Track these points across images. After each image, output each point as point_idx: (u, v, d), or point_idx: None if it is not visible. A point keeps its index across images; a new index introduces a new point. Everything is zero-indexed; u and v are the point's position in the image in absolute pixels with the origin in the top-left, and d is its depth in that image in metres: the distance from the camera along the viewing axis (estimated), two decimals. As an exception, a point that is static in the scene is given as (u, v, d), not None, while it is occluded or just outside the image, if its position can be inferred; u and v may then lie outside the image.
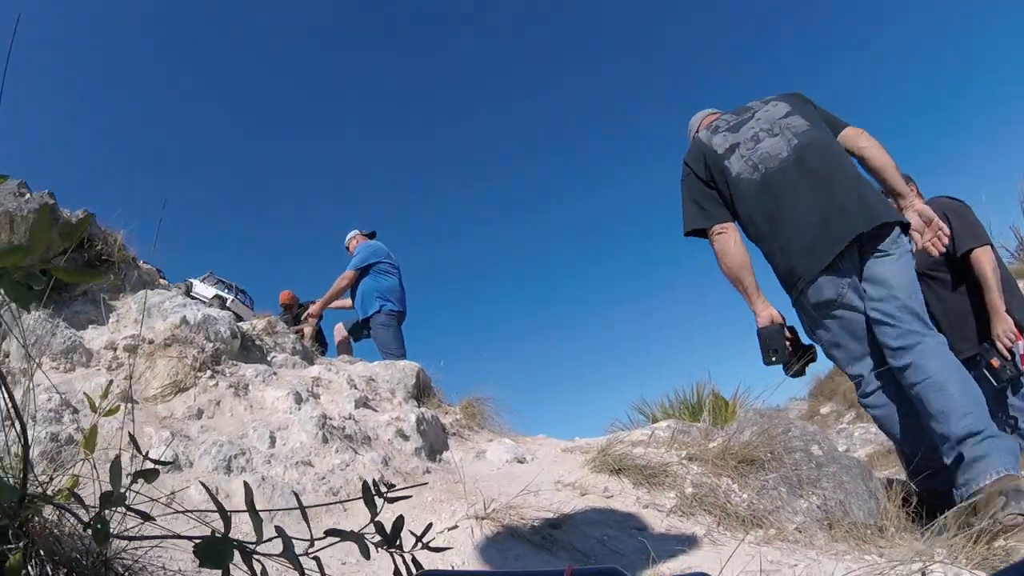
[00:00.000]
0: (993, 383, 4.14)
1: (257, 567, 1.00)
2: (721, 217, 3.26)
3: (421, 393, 4.59)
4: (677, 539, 2.50)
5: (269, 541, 1.00)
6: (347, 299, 7.52)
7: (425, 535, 1.15)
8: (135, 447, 1.17)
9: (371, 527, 1.19)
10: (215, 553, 0.79)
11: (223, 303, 20.38)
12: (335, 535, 1.06)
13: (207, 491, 1.19)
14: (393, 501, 1.15)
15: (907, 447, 3.11)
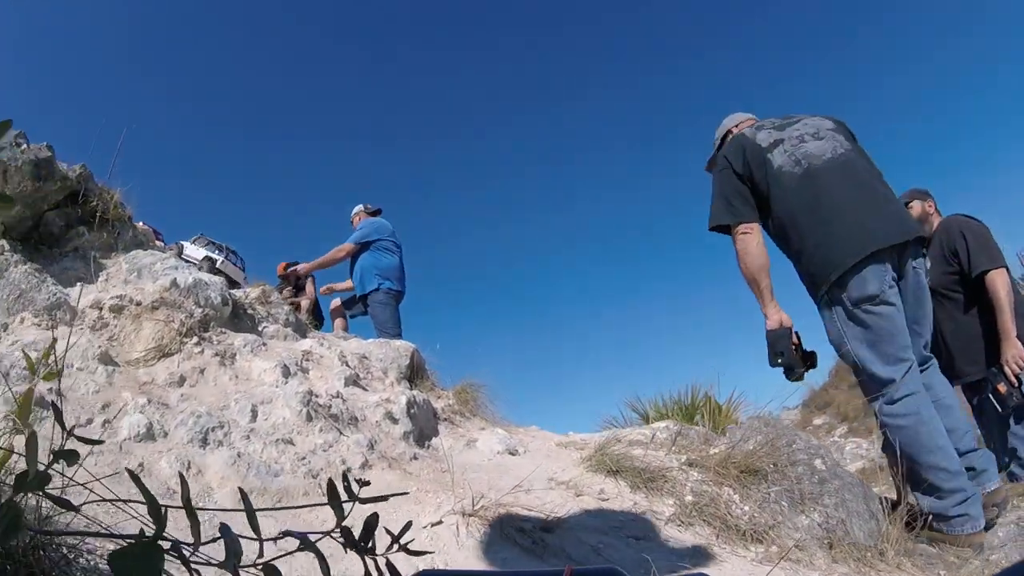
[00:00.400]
0: (998, 408, 4.04)
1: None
2: (748, 216, 3.19)
3: (414, 375, 4.46)
4: (675, 551, 2.36)
5: (213, 542, 0.84)
6: (347, 282, 7.37)
7: (403, 535, 0.99)
8: (58, 421, 1.00)
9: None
10: (136, 563, 0.63)
11: (213, 264, 20.34)
12: (293, 536, 0.90)
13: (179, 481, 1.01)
14: (366, 503, 0.99)
15: (925, 461, 2.98)
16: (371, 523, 0.96)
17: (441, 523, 2.25)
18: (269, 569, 0.85)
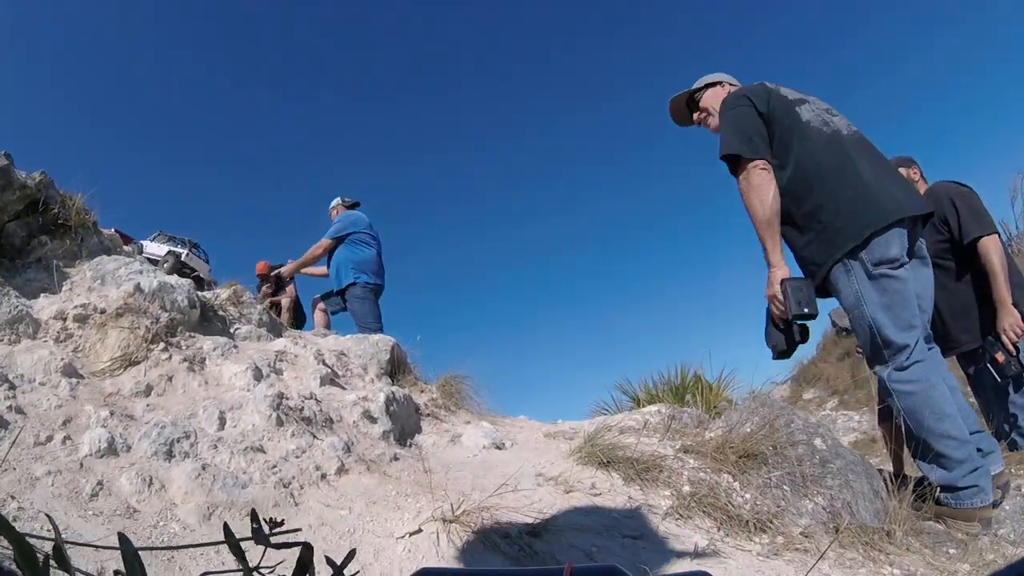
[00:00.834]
0: (996, 378, 3.95)
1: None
2: (766, 155, 3.06)
3: (396, 370, 4.31)
4: (675, 549, 2.21)
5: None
6: (322, 267, 7.28)
7: (347, 565, 0.80)
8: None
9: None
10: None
11: (178, 258, 20.06)
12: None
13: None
14: (279, 548, 0.81)
15: (936, 428, 2.88)
16: (305, 559, 0.78)
17: (420, 532, 2.10)
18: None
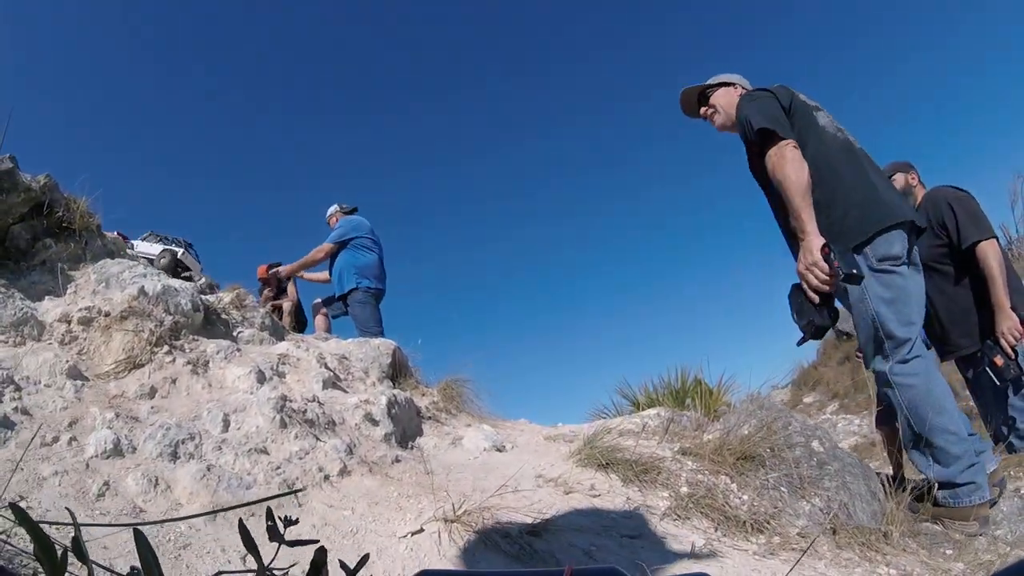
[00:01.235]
0: (995, 381, 3.98)
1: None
2: (794, 138, 3.10)
3: (397, 373, 4.34)
4: (673, 549, 2.24)
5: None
6: (323, 272, 7.29)
7: (360, 569, 0.84)
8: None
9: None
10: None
11: (174, 256, 19.96)
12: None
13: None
14: (293, 545, 0.85)
15: (936, 423, 2.91)
16: (319, 561, 0.82)
17: (422, 531, 2.13)
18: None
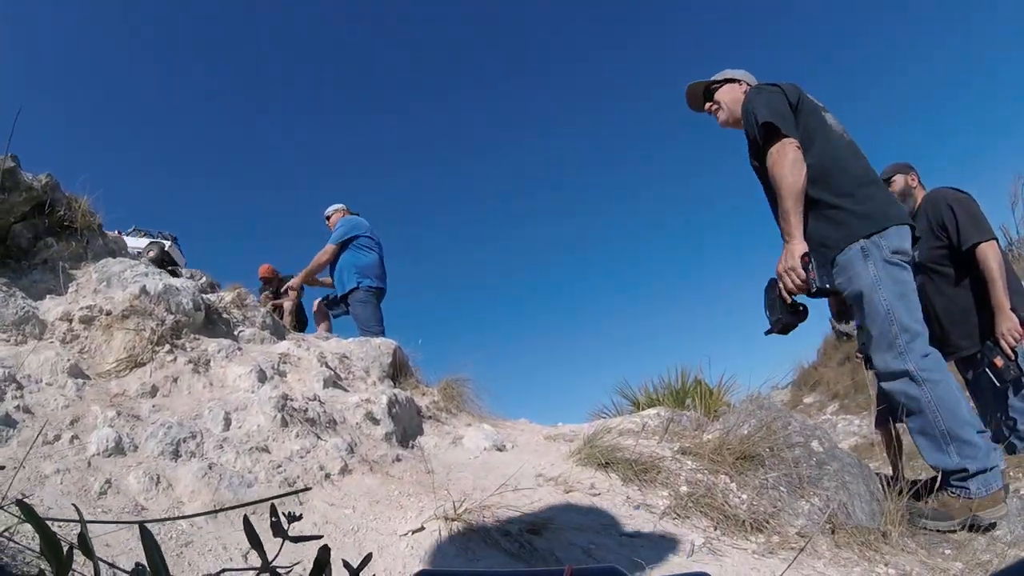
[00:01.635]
0: (995, 382, 3.98)
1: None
2: (798, 138, 3.13)
3: (398, 372, 4.34)
4: (672, 548, 2.25)
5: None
6: (327, 277, 7.25)
7: (363, 568, 0.85)
8: None
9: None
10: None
11: (162, 248, 19.96)
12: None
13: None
14: (297, 541, 0.86)
15: (962, 416, 2.92)
16: (323, 559, 0.82)
17: (423, 529, 2.14)
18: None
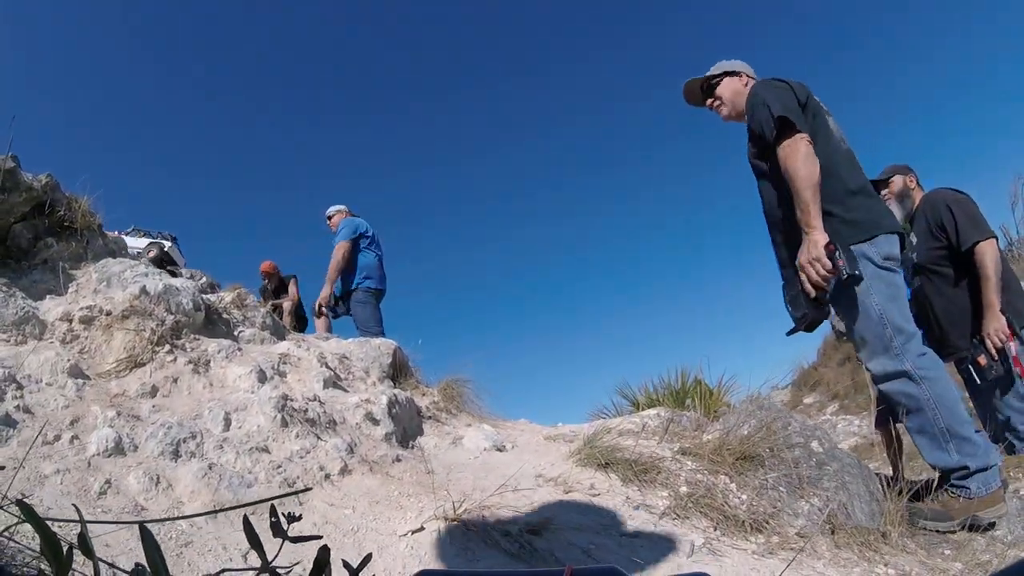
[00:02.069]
0: (976, 380, 4.02)
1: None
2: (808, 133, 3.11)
3: (397, 373, 4.34)
4: (672, 548, 2.24)
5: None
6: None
7: (363, 568, 0.85)
8: None
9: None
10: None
11: (162, 249, 19.94)
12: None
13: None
14: (296, 541, 0.86)
15: (960, 414, 2.93)
16: (322, 559, 0.82)
17: (423, 530, 2.14)
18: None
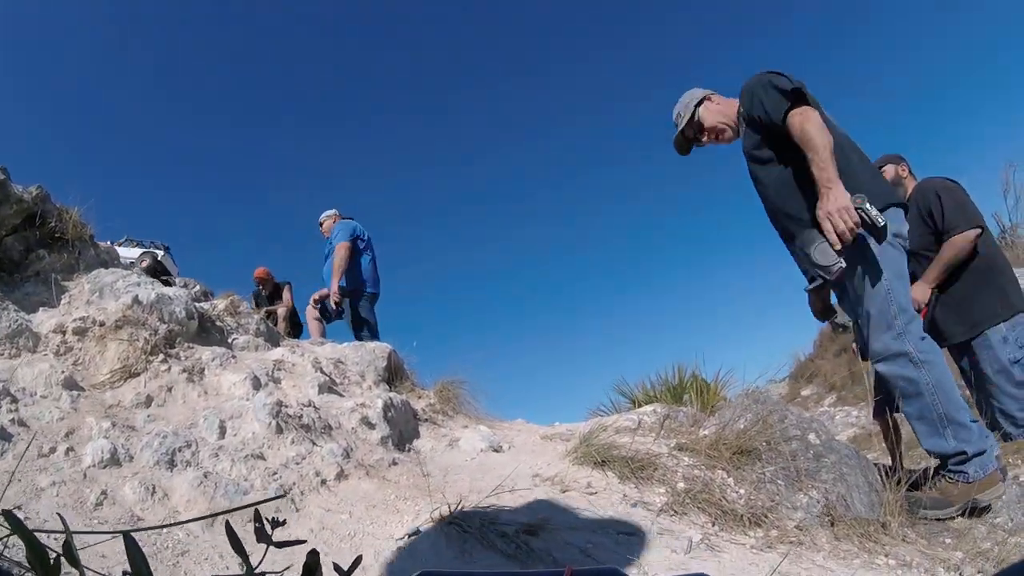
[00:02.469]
0: (971, 368, 4.14)
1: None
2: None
3: (393, 376, 4.34)
4: (670, 545, 2.23)
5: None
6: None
7: (353, 570, 0.84)
8: None
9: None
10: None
11: (155, 258, 19.86)
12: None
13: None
14: (281, 546, 0.85)
15: (956, 399, 2.93)
16: (312, 563, 0.81)
17: (419, 533, 2.13)
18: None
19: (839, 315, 3.36)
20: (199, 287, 6.92)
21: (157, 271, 14.08)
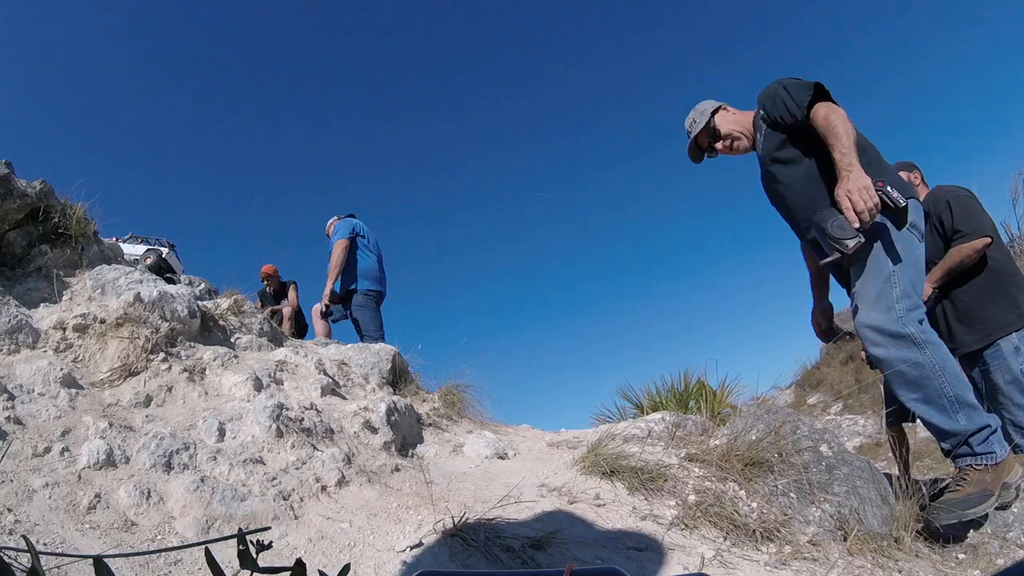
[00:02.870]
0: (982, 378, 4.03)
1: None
2: None
3: (397, 379, 4.28)
4: (681, 561, 2.17)
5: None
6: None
7: None
8: None
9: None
10: None
11: (160, 256, 19.84)
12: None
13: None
14: (266, 573, 0.79)
15: (962, 379, 2.86)
16: (298, 574, 0.75)
17: (421, 545, 2.07)
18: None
19: (844, 323, 3.34)
20: (204, 285, 6.88)
21: (162, 268, 14.04)
